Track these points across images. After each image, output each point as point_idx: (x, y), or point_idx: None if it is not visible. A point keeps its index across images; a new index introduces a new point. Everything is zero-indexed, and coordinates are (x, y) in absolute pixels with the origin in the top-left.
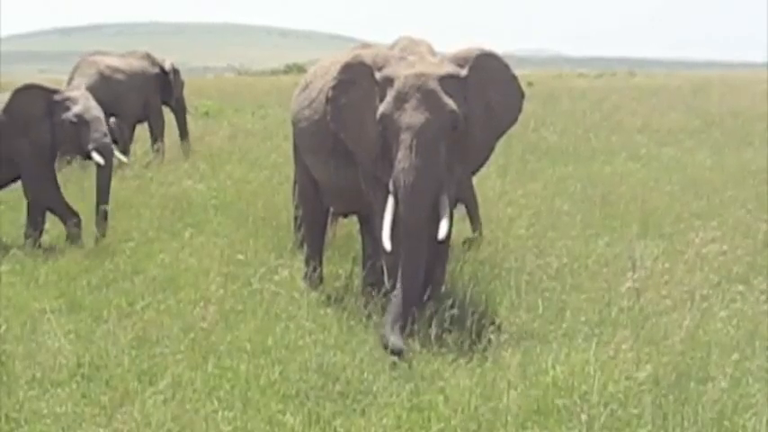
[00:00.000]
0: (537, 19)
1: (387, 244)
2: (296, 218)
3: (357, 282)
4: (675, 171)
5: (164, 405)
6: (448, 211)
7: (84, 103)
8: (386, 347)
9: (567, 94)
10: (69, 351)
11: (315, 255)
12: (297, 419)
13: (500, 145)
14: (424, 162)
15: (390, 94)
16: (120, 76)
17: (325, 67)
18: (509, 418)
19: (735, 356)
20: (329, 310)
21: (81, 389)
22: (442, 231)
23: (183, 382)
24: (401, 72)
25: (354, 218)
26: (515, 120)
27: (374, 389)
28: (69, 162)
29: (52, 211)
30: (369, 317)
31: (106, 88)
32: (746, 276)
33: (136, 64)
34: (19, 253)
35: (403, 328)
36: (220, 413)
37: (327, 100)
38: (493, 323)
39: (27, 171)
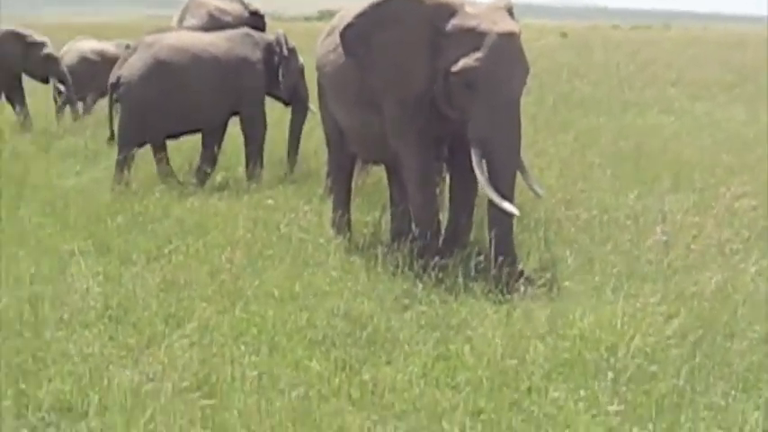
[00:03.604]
0: None
1: (511, 208)
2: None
3: (385, 229)
4: (708, 126)
5: (190, 348)
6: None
7: None
8: None
9: (601, 45)
10: (97, 293)
11: (342, 201)
12: (323, 365)
13: (531, 95)
14: (518, 126)
15: (482, 51)
16: (228, 18)
17: (351, 12)
18: (536, 370)
19: (763, 312)
20: (356, 257)
21: (108, 331)
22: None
23: (210, 327)
24: (491, 28)
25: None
26: None
27: (401, 337)
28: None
29: None
30: (396, 264)
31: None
32: None
33: (238, 8)
34: (47, 194)
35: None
36: (247, 358)
37: (356, 36)
38: (521, 274)
39: None
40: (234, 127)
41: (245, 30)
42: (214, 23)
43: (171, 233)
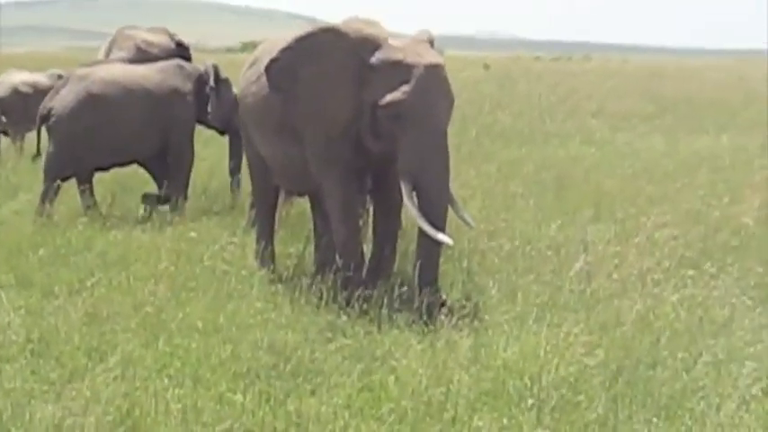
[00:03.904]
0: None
1: (446, 239)
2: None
3: (309, 261)
4: (629, 156)
5: (114, 382)
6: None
7: None
8: None
9: (523, 76)
10: (19, 326)
11: (265, 232)
12: (247, 398)
13: (454, 126)
14: (447, 156)
15: (409, 83)
16: (155, 51)
17: (273, 44)
18: (460, 400)
19: (685, 341)
20: (281, 289)
21: (30, 365)
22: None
23: (134, 360)
24: (417, 61)
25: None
26: None
27: (325, 368)
28: None
29: None
30: (320, 296)
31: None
32: (697, 261)
33: (164, 40)
34: None
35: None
36: (171, 391)
37: (281, 70)
38: (443, 303)
39: None
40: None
41: (177, 61)
42: (141, 56)
43: (94, 266)
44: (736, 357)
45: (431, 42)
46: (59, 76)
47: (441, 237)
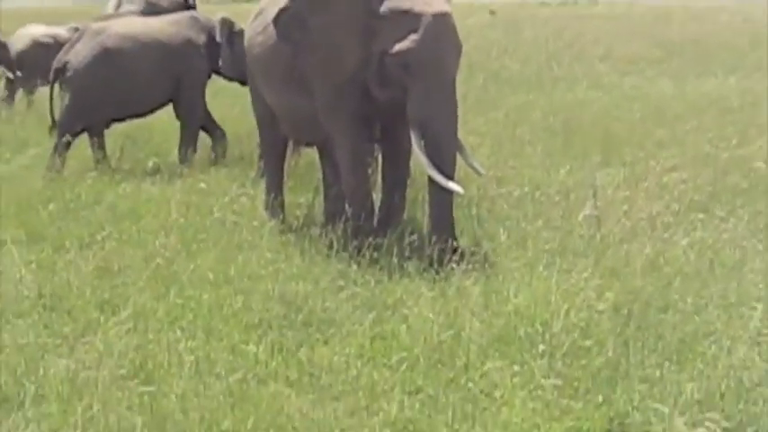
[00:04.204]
0: None
1: (456, 187)
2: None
3: (318, 211)
4: (637, 100)
5: (126, 335)
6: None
7: None
8: None
9: (529, 22)
10: (31, 282)
11: (275, 183)
12: (260, 348)
13: (462, 73)
14: (456, 105)
15: (417, 32)
16: (164, 3)
17: None
18: (471, 347)
19: (695, 284)
20: (291, 239)
21: (43, 320)
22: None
23: (146, 313)
24: (425, 10)
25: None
26: None
27: (337, 318)
28: None
29: None
30: (330, 245)
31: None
32: (706, 205)
33: None
34: None
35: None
36: (183, 343)
37: (290, 20)
38: (456, 250)
39: None
40: (164, 113)
41: (192, 13)
42: (151, 8)
43: (104, 219)
44: (746, 300)
45: None
46: (76, 29)
47: (451, 185)
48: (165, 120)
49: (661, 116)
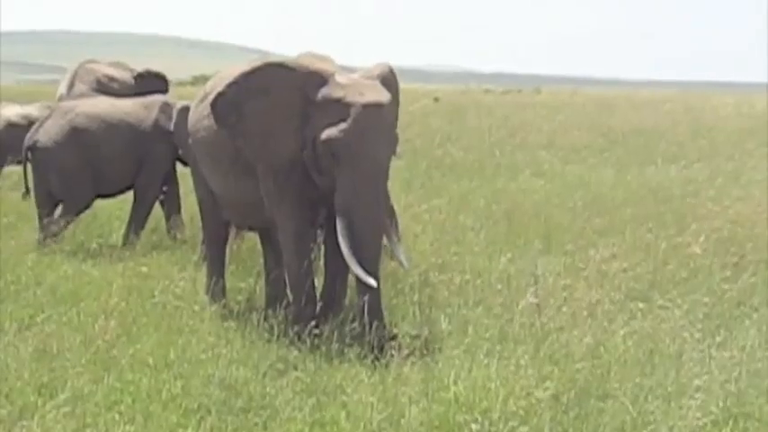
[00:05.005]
0: (444, 34)
1: (370, 280)
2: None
3: (260, 295)
4: (578, 188)
5: (64, 419)
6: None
7: None
8: None
9: (473, 109)
10: None
11: (216, 268)
12: None
13: (405, 159)
14: (382, 197)
15: (346, 122)
16: (116, 85)
17: (223, 78)
18: None
19: (634, 373)
20: (232, 324)
21: None
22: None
23: (84, 396)
24: (356, 100)
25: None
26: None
27: (276, 403)
28: None
29: None
30: (271, 331)
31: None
32: (646, 293)
33: (126, 75)
34: None
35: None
36: (121, 427)
37: (227, 105)
38: (394, 338)
39: None
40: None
41: (164, 98)
42: (102, 89)
43: (44, 302)
44: (685, 390)
45: (384, 77)
46: (48, 108)
47: (369, 280)
48: (109, 201)
49: (602, 205)
